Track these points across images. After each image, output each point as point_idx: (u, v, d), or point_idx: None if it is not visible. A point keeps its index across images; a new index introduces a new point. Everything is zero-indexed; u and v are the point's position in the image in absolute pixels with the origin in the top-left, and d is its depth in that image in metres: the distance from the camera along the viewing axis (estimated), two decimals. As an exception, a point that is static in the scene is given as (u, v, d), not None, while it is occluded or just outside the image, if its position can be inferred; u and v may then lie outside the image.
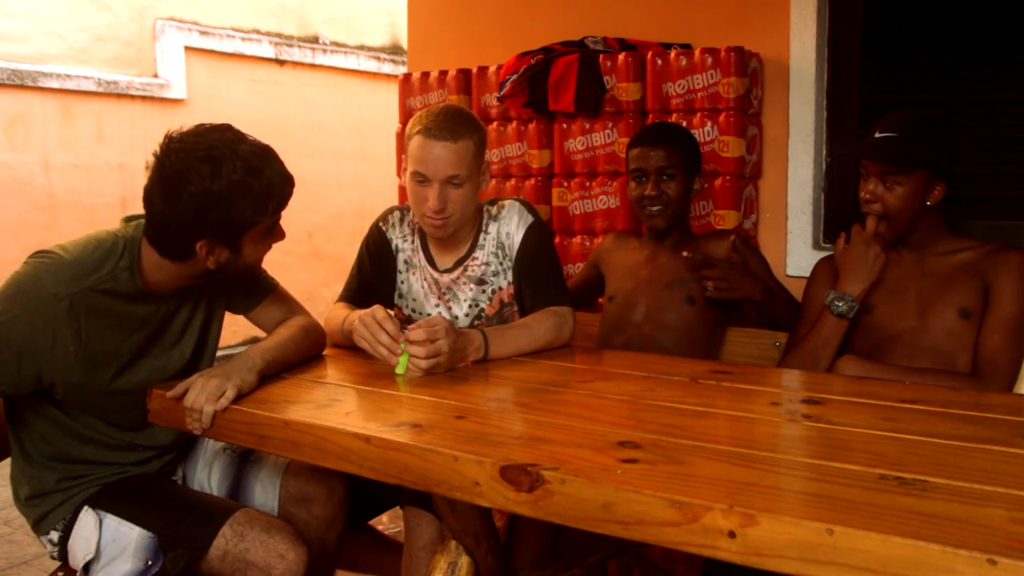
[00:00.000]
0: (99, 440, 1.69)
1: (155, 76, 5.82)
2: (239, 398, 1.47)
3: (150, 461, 1.76)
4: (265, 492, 1.77)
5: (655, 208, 2.16)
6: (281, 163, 1.56)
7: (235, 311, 1.83)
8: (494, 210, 1.95)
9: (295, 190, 1.59)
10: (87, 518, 1.64)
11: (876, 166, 1.81)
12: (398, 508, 1.88)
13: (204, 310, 1.74)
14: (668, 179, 2.15)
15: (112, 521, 1.62)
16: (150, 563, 1.57)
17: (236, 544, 1.56)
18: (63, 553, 1.69)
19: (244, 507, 1.65)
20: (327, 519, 1.75)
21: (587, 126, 2.72)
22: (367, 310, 1.67)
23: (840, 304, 1.82)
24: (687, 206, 2.23)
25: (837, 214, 2.65)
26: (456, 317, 1.94)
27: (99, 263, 1.54)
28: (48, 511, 1.68)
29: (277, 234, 1.63)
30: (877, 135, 1.82)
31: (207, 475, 1.83)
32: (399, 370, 1.60)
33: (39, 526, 1.70)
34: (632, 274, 2.25)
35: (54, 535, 1.69)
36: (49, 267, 1.52)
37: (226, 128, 1.52)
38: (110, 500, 1.66)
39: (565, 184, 2.80)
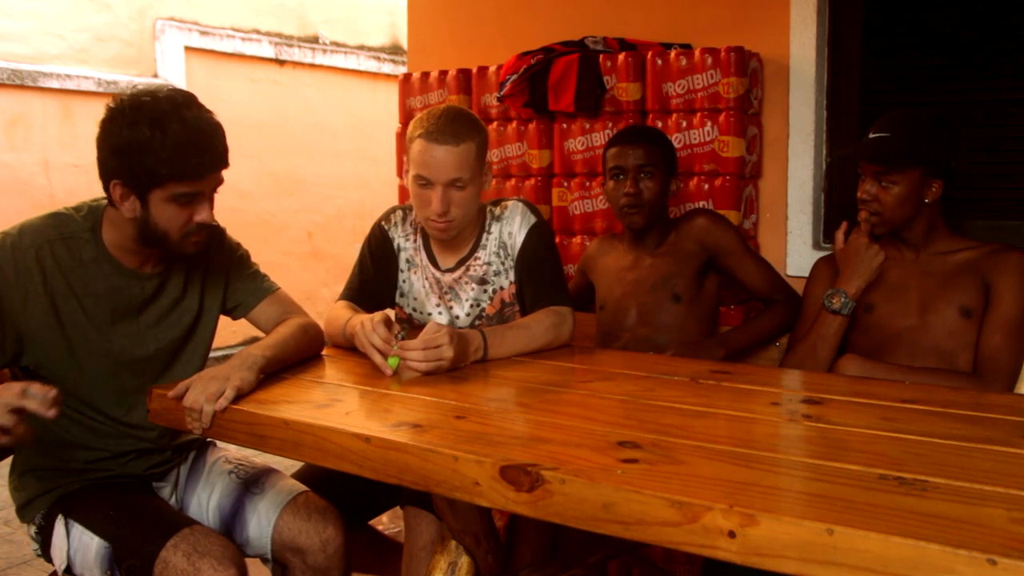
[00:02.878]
0: (84, 422, 1.68)
1: (155, 76, 5.82)
2: (239, 397, 1.47)
3: (136, 459, 1.74)
4: (260, 527, 1.72)
5: (633, 208, 2.17)
6: (212, 136, 1.54)
7: (234, 315, 1.83)
8: (497, 210, 1.95)
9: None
10: (60, 527, 1.65)
11: (871, 166, 1.82)
12: (398, 508, 1.88)
13: (196, 304, 1.75)
14: (646, 177, 2.16)
15: (77, 530, 1.63)
16: (109, 573, 1.57)
17: (166, 568, 1.52)
18: (46, 555, 1.70)
19: (192, 525, 1.59)
20: (322, 569, 1.69)
21: (587, 126, 2.72)
22: (369, 315, 1.67)
23: (833, 300, 1.83)
24: (664, 206, 2.25)
25: (837, 214, 2.65)
26: (457, 316, 1.94)
27: (62, 221, 1.63)
28: (31, 498, 1.69)
29: (199, 209, 1.57)
30: (871, 135, 1.83)
31: (207, 495, 1.79)
32: (391, 365, 1.60)
33: (23, 512, 1.72)
34: (619, 280, 2.27)
35: (32, 529, 1.70)
36: (16, 227, 1.62)
37: (177, 92, 1.56)
38: (78, 508, 1.65)
39: (565, 184, 2.80)
